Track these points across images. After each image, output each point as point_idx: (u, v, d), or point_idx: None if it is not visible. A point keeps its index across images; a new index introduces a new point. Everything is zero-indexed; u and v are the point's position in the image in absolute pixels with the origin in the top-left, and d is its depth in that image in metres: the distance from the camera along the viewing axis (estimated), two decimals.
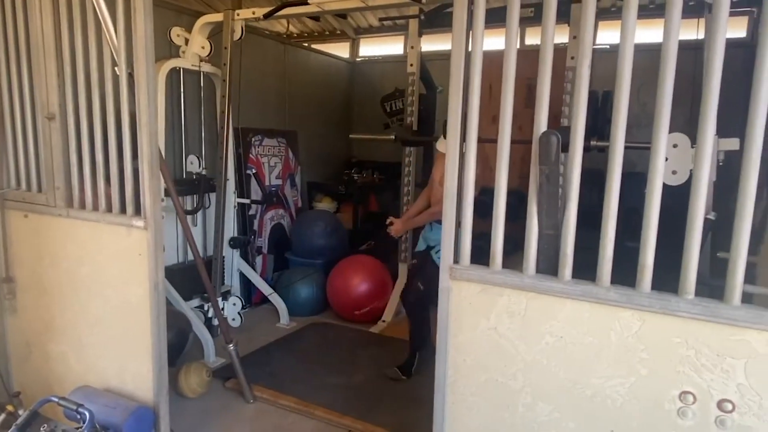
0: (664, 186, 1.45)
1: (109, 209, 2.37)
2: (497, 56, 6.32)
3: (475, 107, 1.60)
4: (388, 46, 5.91)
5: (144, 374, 2.37)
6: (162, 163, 2.38)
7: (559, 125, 5.11)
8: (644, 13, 4.72)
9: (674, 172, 1.70)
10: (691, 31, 3.17)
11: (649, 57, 1.73)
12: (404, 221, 3.30)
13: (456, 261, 1.63)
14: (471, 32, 1.58)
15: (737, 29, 4.39)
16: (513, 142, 5.36)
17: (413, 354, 3.26)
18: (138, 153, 2.22)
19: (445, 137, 3.03)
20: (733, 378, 1.30)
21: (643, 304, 1.37)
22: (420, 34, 4.00)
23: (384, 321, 4.04)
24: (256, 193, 4.48)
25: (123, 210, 2.31)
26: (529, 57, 6.16)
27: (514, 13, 1.51)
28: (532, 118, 5.77)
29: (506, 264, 1.60)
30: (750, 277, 1.33)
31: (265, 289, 4.11)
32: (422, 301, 3.13)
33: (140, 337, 2.36)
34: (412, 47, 3.99)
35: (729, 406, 1.31)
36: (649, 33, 4.58)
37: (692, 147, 2.05)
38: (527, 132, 5.89)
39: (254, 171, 4.44)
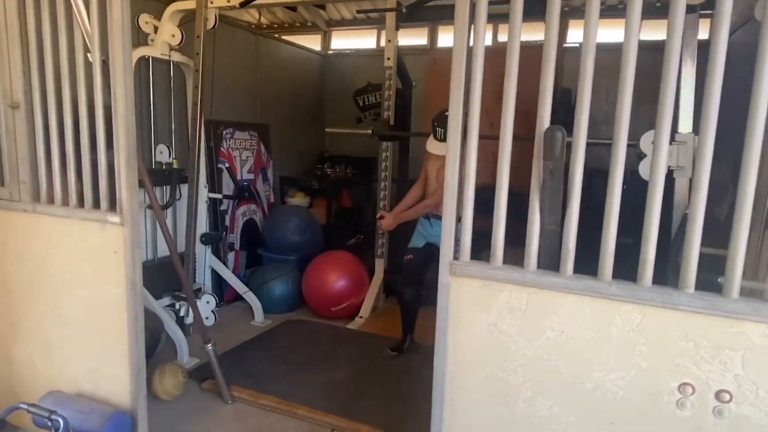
0: (643, 182, 1.48)
1: (81, 204, 2.25)
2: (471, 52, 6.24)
3: (477, 102, 1.57)
4: (360, 40, 5.85)
5: (120, 377, 2.26)
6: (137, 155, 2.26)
7: (529, 122, 5.19)
8: (613, 13, 4.84)
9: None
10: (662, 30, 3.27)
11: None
12: (395, 215, 3.27)
13: (456, 257, 1.61)
14: (473, 26, 1.55)
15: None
16: (486, 137, 5.39)
17: (405, 336, 3.42)
18: (114, 145, 2.11)
19: (435, 136, 3.00)
20: (730, 369, 1.33)
21: (645, 298, 1.39)
22: (397, 28, 3.96)
23: (361, 317, 4.01)
24: (227, 187, 4.36)
25: (96, 205, 2.19)
26: (501, 53, 6.20)
27: (518, 7, 1.49)
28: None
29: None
30: (721, 270, 1.37)
31: (239, 287, 4.00)
32: (421, 296, 3.16)
33: (116, 339, 2.25)
34: (389, 41, 3.95)
35: (726, 397, 1.34)
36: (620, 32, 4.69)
37: (671, 144, 2.10)
38: (498, 128, 5.93)
39: (227, 165, 4.31)
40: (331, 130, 4.45)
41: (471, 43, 1.58)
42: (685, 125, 2.13)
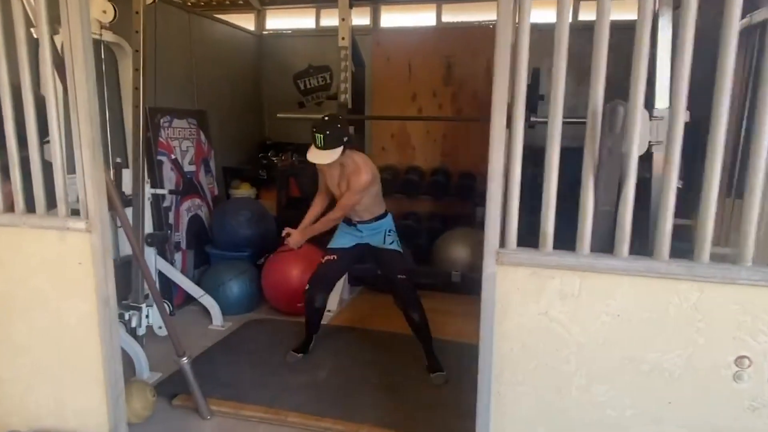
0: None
1: (31, 209, 1.89)
2: (415, 33, 6.29)
3: (523, 83, 1.46)
4: (298, 20, 5.54)
5: (93, 407, 1.96)
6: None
7: (477, 102, 5.20)
8: None
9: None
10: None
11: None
12: (302, 231, 3.04)
13: (502, 245, 1.51)
14: (518, 3, 1.43)
15: None
16: (435, 118, 5.29)
17: (310, 337, 3.24)
18: (74, 138, 1.78)
19: (316, 145, 2.64)
20: None
21: (704, 275, 1.38)
22: (351, 6, 3.76)
23: (330, 311, 3.83)
24: (169, 181, 3.95)
25: (52, 209, 1.86)
26: (446, 34, 6.18)
27: None
28: (453, 96, 5.80)
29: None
30: (690, 238, 1.41)
31: (194, 290, 3.66)
32: (414, 289, 2.98)
33: (85, 364, 1.94)
34: (343, 19, 3.74)
35: None
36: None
37: (650, 120, 2.13)
38: (447, 110, 5.92)
39: (173, 157, 3.90)
40: (284, 115, 4.17)
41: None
42: (662, 101, 2.17)
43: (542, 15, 4.81)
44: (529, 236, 1.53)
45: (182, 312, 3.92)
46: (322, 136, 2.62)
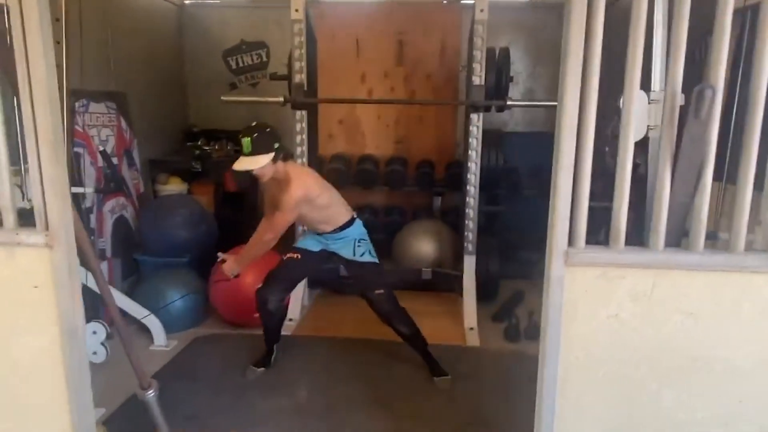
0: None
1: None
2: (363, 6, 6.13)
3: (596, 70, 1.39)
4: None
5: None
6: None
7: (431, 85, 5.15)
8: None
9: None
10: None
11: None
12: (236, 259, 2.85)
13: (570, 244, 1.45)
14: None
15: None
16: (386, 102, 5.21)
17: (271, 348, 3.09)
18: (25, 130, 1.49)
19: (243, 151, 2.50)
20: None
21: None
22: None
23: (291, 320, 3.62)
24: (89, 178, 3.52)
25: None
26: (397, 9, 6.08)
27: None
28: (406, 77, 5.76)
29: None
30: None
31: (137, 310, 3.29)
32: (395, 300, 2.88)
33: (42, 413, 1.66)
34: None
35: None
36: None
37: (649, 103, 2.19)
38: (400, 92, 5.87)
39: (100, 149, 3.47)
40: (229, 99, 3.84)
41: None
42: (658, 84, 2.23)
43: None
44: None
45: (114, 332, 3.53)
46: (249, 139, 2.47)
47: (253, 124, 2.58)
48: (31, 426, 1.67)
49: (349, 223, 2.85)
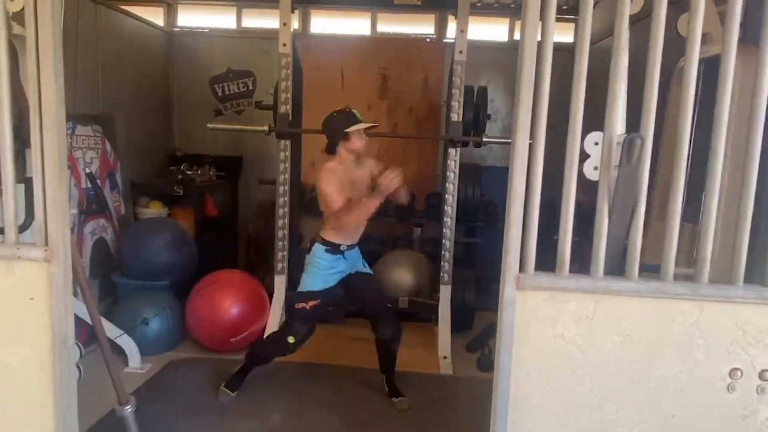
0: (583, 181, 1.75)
1: None
2: (348, 41, 6.57)
3: (544, 106, 1.66)
4: (215, 17, 5.47)
5: None
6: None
7: (413, 119, 5.46)
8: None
9: (595, 168, 2.10)
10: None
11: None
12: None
13: (521, 269, 1.69)
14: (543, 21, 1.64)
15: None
16: (370, 135, 5.51)
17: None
18: (31, 146, 1.71)
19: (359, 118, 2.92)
20: None
21: (705, 294, 1.66)
22: (293, 9, 3.84)
23: None
24: (74, 199, 3.71)
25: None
26: (381, 44, 6.52)
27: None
28: (388, 109, 6.15)
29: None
30: None
31: (110, 329, 3.45)
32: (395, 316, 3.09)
33: (29, 418, 1.83)
34: (284, 24, 3.81)
35: None
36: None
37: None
38: (383, 125, 6.23)
39: (86, 171, 3.68)
40: (215, 126, 4.08)
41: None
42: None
43: (485, 31, 5.24)
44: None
45: (87, 352, 3.67)
46: (358, 112, 2.96)
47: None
48: (16, 431, 1.83)
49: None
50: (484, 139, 3.86)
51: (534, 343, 1.72)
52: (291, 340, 2.94)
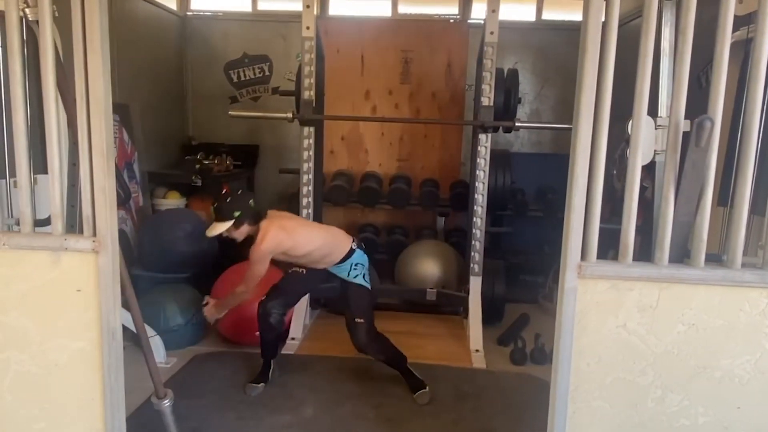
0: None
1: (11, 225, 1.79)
2: (369, 23, 6.57)
3: (608, 90, 1.65)
4: (229, 0, 5.46)
5: None
6: None
7: (437, 104, 5.44)
8: None
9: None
10: None
11: None
12: (218, 304, 3.27)
13: (583, 257, 1.70)
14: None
15: None
16: (396, 120, 5.55)
17: (268, 363, 3.31)
18: (79, 139, 1.73)
19: (218, 217, 2.95)
20: None
21: None
22: None
23: (294, 338, 3.83)
24: None
25: (41, 225, 1.79)
26: (403, 26, 6.49)
27: None
28: (410, 94, 6.13)
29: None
30: None
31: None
32: (374, 332, 3.12)
33: (76, 412, 1.86)
34: (308, 6, 3.79)
35: None
36: None
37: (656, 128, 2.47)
38: (404, 110, 6.24)
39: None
40: (236, 114, 4.07)
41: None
42: (665, 110, 2.52)
43: (511, 11, 5.20)
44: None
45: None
46: (212, 208, 3.00)
47: (223, 191, 3.08)
48: (64, 426, 1.86)
49: (347, 257, 3.11)
50: (516, 124, 3.84)
51: (594, 334, 1.73)
52: (263, 297, 3.16)
